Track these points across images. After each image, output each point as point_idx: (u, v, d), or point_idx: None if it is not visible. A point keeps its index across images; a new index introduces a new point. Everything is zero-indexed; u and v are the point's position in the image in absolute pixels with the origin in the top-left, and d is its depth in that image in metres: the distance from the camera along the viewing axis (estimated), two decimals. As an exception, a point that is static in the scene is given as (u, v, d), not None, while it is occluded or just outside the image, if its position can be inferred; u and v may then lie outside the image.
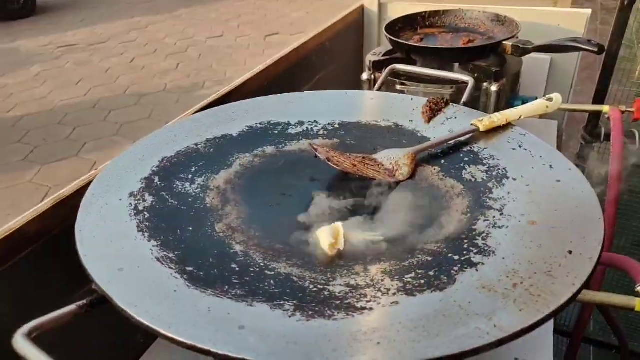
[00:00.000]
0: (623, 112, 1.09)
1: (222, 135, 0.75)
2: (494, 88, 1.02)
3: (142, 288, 0.46)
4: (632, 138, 1.17)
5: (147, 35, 5.02)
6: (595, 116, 1.39)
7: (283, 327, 0.42)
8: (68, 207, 0.61)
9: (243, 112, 0.81)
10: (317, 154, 0.67)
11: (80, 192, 0.61)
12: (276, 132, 0.77)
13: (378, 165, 0.68)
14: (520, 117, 0.74)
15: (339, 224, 0.55)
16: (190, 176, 0.65)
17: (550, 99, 0.78)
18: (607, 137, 1.43)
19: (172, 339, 0.40)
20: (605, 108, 1.10)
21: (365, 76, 1.10)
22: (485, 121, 0.72)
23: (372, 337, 0.40)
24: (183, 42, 4.75)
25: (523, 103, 1.17)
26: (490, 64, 1.04)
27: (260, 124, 0.78)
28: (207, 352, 0.38)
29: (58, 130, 3.30)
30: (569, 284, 0.45)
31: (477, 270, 0.48)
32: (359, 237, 0.55)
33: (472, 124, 0.72)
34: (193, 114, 0.81)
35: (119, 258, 0.49)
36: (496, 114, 0.74)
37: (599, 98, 1.35)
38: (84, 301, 0.45)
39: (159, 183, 0.63)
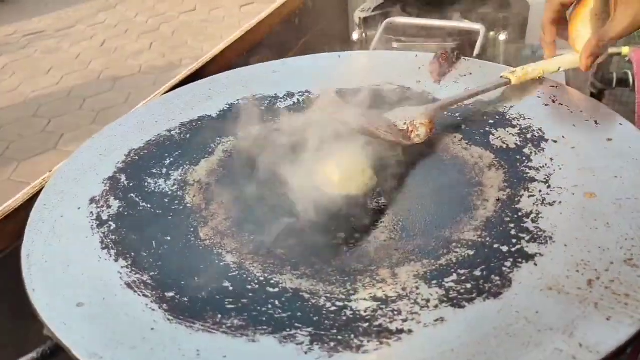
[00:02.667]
0: (645, 53, 0.99)
1: (199, 117, 0.63)
2: (502, 37, 0.90)
3: (109, 328, 0.35)
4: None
5: (116, 16, 4.78)
6: (607, 61, 1.29)
7: (299, 369, 0.32)
8: (18, 223, 0.49)
9: (222, 87, 0.69)
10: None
11: (32, 201, 0.50)
12: (263, 107, 0.65)
13: (390, 126, 0.56)
14: (558, 69, 0.62)
15: None
16: (164, 170, 0.54)
17: None
18: (620, 82, 1.33)
19: (151, 403, 0.29)
20: (624, 50, 1.00)
21: (355, 36, 0.98)
22: (518, 72, 0.60)
23: (419, 375, 0.30)
24: (155, 20, 4.52)
25: (532, 53, 1.05)
26: (497, 9, 0.92)
27: (242, 99, 0.66)
28: (199, 420, 0.28)
29: (33, 123, 3.14)
30: (660, 274, 0.35)
31: (535, 265, 0.38)
32: (380, 228, 0.45)
33: (502, 76, 0.60)
34: (163, 94, 0.69)
35: (78, 288, 0.38)
36: (530, 64, 0.62)
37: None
38: (33, 354, 0.34)
39: (126, 182, 0.52)
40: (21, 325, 0.42)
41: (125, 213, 0.48)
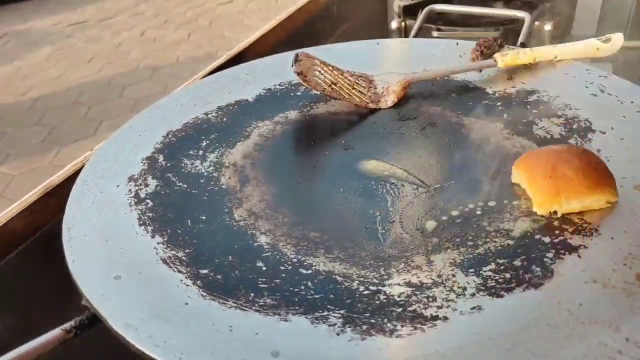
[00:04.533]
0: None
1: (236, 100, 0.63)
2: (547, 27, 0.87)
3: (145, 302, 0.35)
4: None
5: (156, 7, 4.88)
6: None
7: (331, 350, 0.31)
8: (60, 198, 0.51)
9: (259, 73, 0.69)
10: (295, 63, 0.59)
11: (73, 179, 0.51)
12: (299, 93, 0.65)
13: (368, 88, 0.62)
14: (555, 58, 0.60)
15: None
16: (200, 152, 0.54)
17: (607, 40, 0.63)
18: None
19: (183, 374, 0.30)
20: (679, 42, 0.95)
21: (394, 24, 0.97)
22: (508, 56, 0.60)
23: (454, 362, 0.29)
24: (193, 11, 4.59)
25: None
26: (543, -2, 0.90)
27: (279, 85, 0.66)
28: (231, 394, 0.28)
29: (74, 110, 3.24)
30: None
31: (579, 257, 0.36)
32: (416, 214, 0.44)
33: (492, 58, 0.60)
34: (202, 78, 0.70)
35: (116, 262, 0.39)
36: (525, 49, 0.61)
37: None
38: (72, 322, 0.35)
39: (163, 163, 0.52)
40: (63, 295, 0.43)
41: (162, 192, 0.48)
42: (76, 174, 0.52)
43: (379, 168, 0.51)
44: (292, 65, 0.62)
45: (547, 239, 0.39)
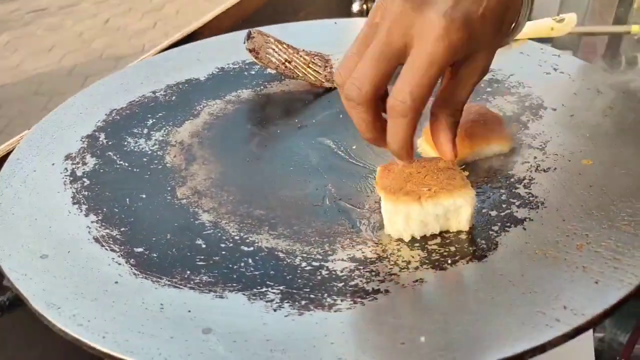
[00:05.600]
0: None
1: (187, 79, 0.61)
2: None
3: (71, 281, 0.33)
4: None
5: (121, -6, 4.73)
6: (616, 42, 1.25)
7: (266, 326, 0.30)
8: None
9: (212, 52, 0.66)
10: (247, 40, 0.57)
11: (6, 159, 0.48)
12: (253, 72, 0.63)
13: (324, 67, 0.61)
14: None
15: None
16: (145, 131, 0.52)
17: (561, 20, 0.64)
18: (629, 65, 1.29)
19: (106, 354, 0.28)
20: (635, 28, 0.96)
21: (356, 7, 0.95)
22: None
23: (394, 335, 0.28)
24: (159, -1, 4.48)
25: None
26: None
27: (233, 64, 0.64)
28: (156, 373, 0.27)
29: (34, 100, 3.13)
30: (655, 239, 0.33)
31: (524, 229, 0.36)
32: (366, 191, 0.43)
33: None
34: (152, 56, 0.67)
35: (44, 241, 0.37)
36: None
37: (620, 19, 1.20)
38: (-8, 304, 0.33)
39: (105, 141, 0.50)
40: None
41: (101, 170, 0.46)
42: (10, 153, 0.49)
43: (332, 147, 0.50)
44: (244, 42, 0.60)
45: (493, 213, 0.38)
